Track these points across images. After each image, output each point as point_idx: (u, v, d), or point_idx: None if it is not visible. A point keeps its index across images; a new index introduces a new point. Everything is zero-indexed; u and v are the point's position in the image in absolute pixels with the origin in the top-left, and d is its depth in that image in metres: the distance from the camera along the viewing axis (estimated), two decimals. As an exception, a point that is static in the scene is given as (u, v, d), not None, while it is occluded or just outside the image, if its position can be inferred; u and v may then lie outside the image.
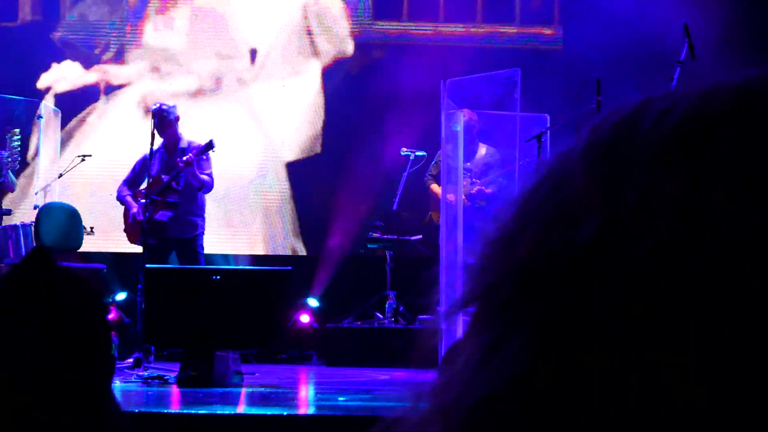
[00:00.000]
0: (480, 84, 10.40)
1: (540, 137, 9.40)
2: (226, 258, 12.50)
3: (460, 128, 10.09)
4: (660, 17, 11.50)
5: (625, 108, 0.66)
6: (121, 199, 10.62)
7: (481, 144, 10.86)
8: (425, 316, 11.03)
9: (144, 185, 10.49)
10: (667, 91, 0.67)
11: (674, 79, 7.45)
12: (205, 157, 10.19)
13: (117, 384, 8.49)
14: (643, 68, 11.38)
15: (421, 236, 11.75)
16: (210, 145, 10.12)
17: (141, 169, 10.55)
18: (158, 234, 10.12)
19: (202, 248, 10.48)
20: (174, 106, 10.43)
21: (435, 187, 10.80)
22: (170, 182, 10.21)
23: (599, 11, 12.35)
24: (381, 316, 11.56)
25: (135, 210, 10.33)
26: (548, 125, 9.69)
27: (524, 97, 9.90)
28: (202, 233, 10.48)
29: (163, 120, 10.26)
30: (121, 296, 11.89)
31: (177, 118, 10.36)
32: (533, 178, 0.68)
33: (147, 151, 10.36)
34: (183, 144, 10.35)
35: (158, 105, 10.43)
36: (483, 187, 10.51)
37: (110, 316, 10.75)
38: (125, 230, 10.63)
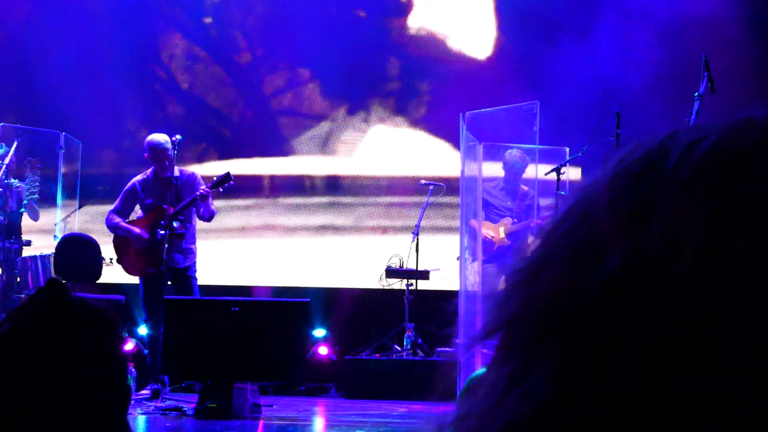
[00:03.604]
0: (499, 116, 10.40)
1: (559, 170, 9.39)
2: (244, 289, 12.51)
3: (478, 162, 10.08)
4: (680, 49, 11.51)
5: (651, 140, 0.66)
6: (113, 226, 10.32)
7: (522, 185, 10.76)
8: (444, 348, 11.00)
9: (132, 216, 10.39)
10: (693, 124, 0.66)
11: (694, 113, 7.43)
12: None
13: (136, 415, 8.47)
14: (664, 101, 11.37)
15: (439, 268, 11.73)
16: (227, 178, 9.97)
17: (131, 198, 10.37)
18: (157, 264, 9.99)
19: (196, 277, 10.33)
20: (168, 141, 10.12)
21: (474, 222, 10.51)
22: (177, 213, 10.04)
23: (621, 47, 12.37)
24: (399, 349, 11.53)
25: (138, 231, 10.13)
26: (567, 158, 9.69)
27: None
28: (195, 262, 10.33)
29: (163, 154, 10.09)
30: (143, 330, 11.84)
31: (174, 152, 10.12)
32: (557, 210, 0.68)
33: (134, 180, 10.33)
34: (175, 173, 10.13)
35: (154, 142, 10.17)
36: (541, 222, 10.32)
37: (128, 348, 10.74)
38: (120, 260, 10.36)
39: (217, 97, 13.50)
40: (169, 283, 10.14)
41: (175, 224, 10.04)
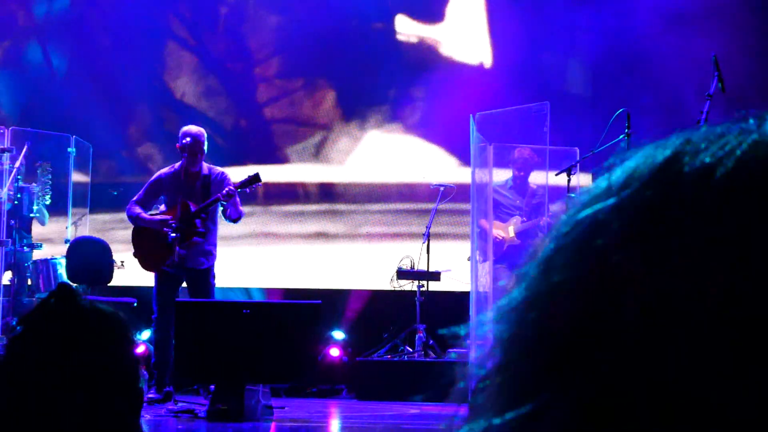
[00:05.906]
0: (509, 117, 10.39)
1: (569, 171, 9.38)
2: (254, 291, 12.51)
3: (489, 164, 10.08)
4: (689, 50, 11.49)
5: (658, 155, 0.61)
6: (134, 216, 9.94)
7: (530, 182, 10.72)
8: (455, 350, 11.00)
9: (155, 210, 10.06)
10: (698, 131, 0.62)
11: (704, 113, 7.37)
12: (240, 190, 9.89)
13: (147, 417, 8.48)
14: (672, 102, 11.35)
15: (450, 269, 11.73)
16: (256, 178, 9.66)
17: (154, 190, 10.02)
18: (177, 263, 9.76)
19: (215, 279, 10.07)
20: (204, 134, 9.91)
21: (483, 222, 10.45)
22: (200, 212, 9.77)
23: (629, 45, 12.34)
24: (411, 350, 11.52)
25: (160, 218, 9.77)
26: (578, 158, 9.67)
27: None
28: (214, 265, 10.04)
29: (199, 147, 9.81)
30: (146, 335, 11.80)
31: (206, 147, 9.91)
32: (559, 228, 0.63)
33: (160, 172, 10.10)
34: (204, 171, 9.89)
35: (194, 132, 9.88)
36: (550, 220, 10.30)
37: (139, 351, 10.75)
38: (137, 254, 10.06)
39: (210, 105, 13.50)
40: (183, 285, 9.98)
41: (197, 222, 9.78)
